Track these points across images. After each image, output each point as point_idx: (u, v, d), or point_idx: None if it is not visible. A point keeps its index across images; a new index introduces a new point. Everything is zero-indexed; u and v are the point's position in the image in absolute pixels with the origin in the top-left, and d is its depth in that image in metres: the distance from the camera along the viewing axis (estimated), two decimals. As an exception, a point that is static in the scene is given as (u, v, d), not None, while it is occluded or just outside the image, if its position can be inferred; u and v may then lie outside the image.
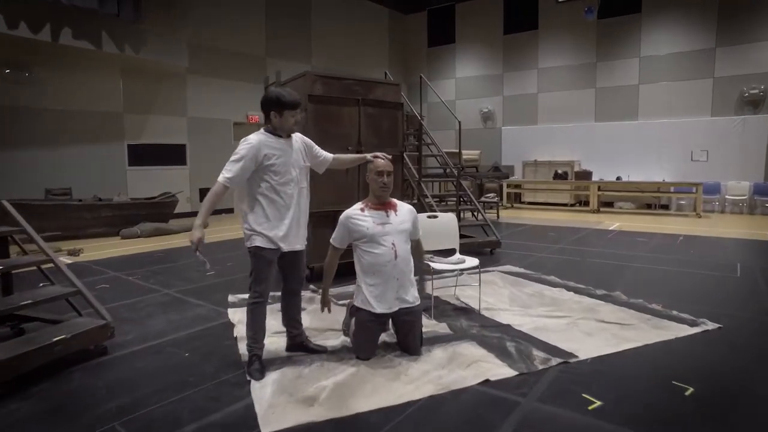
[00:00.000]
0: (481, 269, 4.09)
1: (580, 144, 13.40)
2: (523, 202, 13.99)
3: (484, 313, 3.84)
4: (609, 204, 12.60)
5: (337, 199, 4.37)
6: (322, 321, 3.58)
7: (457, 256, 4.06)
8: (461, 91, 15.83)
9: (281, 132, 2.80)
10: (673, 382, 2.62)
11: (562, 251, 6.67)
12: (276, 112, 2.78)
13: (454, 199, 8.96)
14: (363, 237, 2.80)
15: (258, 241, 2.74)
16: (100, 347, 3.09)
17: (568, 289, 4.54)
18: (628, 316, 3.72)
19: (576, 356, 2.95)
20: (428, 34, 16.47)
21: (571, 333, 3.36)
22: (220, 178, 2.66)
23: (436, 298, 4.13)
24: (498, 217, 10.55)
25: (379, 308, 2.82)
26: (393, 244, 2.81)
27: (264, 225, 2.74)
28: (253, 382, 2.65)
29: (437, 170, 9.38)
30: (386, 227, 2.83)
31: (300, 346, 3.06)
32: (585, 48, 13.35)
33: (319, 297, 3.11)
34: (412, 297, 2.91)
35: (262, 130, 2.80)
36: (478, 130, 15.24)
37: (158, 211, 8.89)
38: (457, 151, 8.52)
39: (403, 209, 2.98)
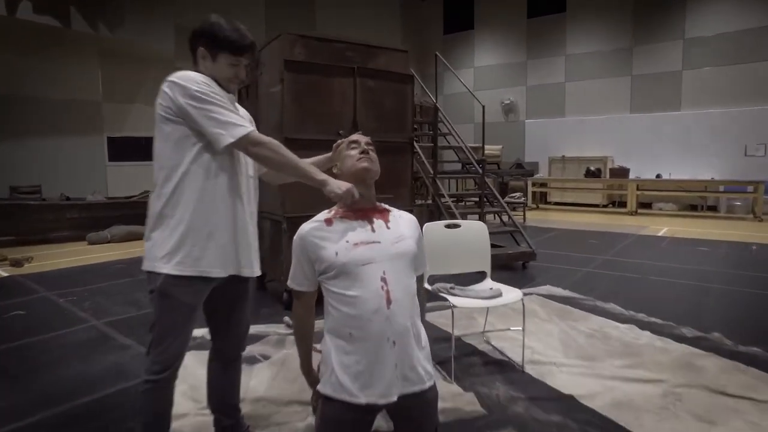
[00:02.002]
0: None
1: (614, 138, 12.01)
2: (549, 203, 12.66)
3: (529, 370, 2.60)
4: (646, 205, 11.22)
5: (322, 200, 3.17)
6: (289, 385, 2.38)
7: (489, 283, 2.83)
8: (480, 81, 14.52)
9: (221, 82, 1.66)
10: None
11: (612, 264, 5.37)
12: (206, 49, 1.66)
13: (475, 199, 7.73)
14: (330, 269, 1.53)
15: (171, 267, 1.57)
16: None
17: (641, 326, 3.27)
18: (753, 380, 2.44)
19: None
20: (444, 20, 15.19)
21: (676, 416, 2.11)
22: (245, 131, 1.59)
23: (458, 340, 2.91)
24: (524, 220, 9.26)
25: (363, 397, 1.47)
26: (383, 279, 1.51)
27: (189, 235, 1.59)
28: None
29: (453, 165, 8.14)
30: (371, 249, 1.53)
31: (235, 446, 1.87)
32: (619, 31, 11.95)
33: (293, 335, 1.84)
34: (422, 372, 1.54)
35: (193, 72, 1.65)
36: (498, 124, 13.91)
37: (134, 212, 7.76)
38: (478, 145, 7.27)
39: (401, 219, 1.67)
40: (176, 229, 1.58)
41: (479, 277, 2.91)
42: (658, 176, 11.13)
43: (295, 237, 1.60)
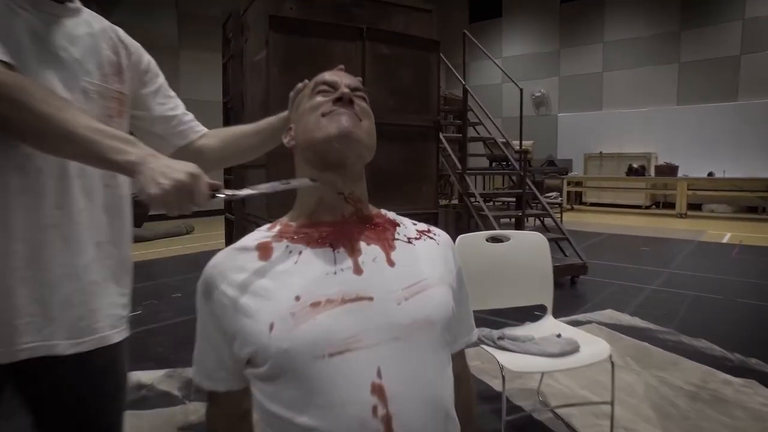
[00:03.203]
0: (569, 317, 1.97)
1: (658, 132, 10.85)
2: (584, 203, 11.59)
3: (620, 464, 1.71)
4: (696, 206, 10.07)
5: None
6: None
7: (552, 322, 1.94)
8: (509, 72, 13.34)
9: None
10: None
11: (681, 280, 4.38)
12: None
13: (507, 199, 6.81)
14: (259, 359, 0.66)
15: None
16: None
17: (761, 378, 2.33)
18: None
19: None
20: (469, 8, 14.20)
21: None
22: None
23: (508, 401, 2.02)
24: (561, 222, 8.25)
25: None
26: (377, 388, 0.63)
27: None
28: None
29: (478, 160, 7.24)
30: (350, 315, 0.66)
31: None
32: (665, 14, 10.79)
33: None
34: None
35: None
36: (529, 118, 12.80)
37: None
38: (507, 140, 6.34)
39: (422, 243, 0.79)
40: None
41: (539, 312, 2.02)
42: (710, 174, 9.97)
43: (199, 281, 0.74)
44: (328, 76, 0.78)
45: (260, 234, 0.76)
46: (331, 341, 0.63)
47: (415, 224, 0.83)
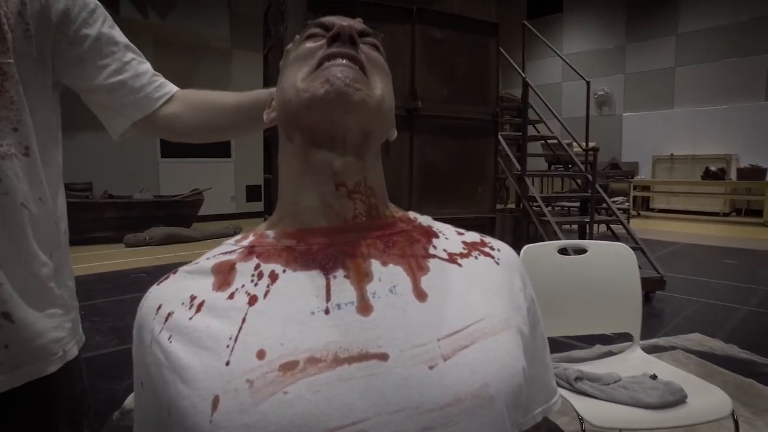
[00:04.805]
0: (648, 341, 1.56)
1: (741, 132, 9.84)
2: (653, 209, 10.73)
3: None
4: (782, 214, 9.03)
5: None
6: None
7: (641, 356, 1.55)
8: (569, 70, 12.74)
9: None
10: None
11: (780, 301, 3.76)
12: None
13: (569, 204, 6.30)
14: None
15: None
16: None
17: None
18: None
19: None
20: (527, 3, 13.59)
21: None
22: None
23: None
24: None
25: None
26: None
27: None
28: None
29: (536, 161, 6.76)
30: (342, 387, 0.38)
31: None
32: (749, 1, 9.78)
33: None
34: None
35: None
36: (591, 118, 12.07)
37: (180, 213, 7.12)
38: (568, 141, 5.83)
39: (473, 263, 0.48)
40: None
41: (623, 341, 1.64)
42: (802, 178, 8.91)
43: (135, 320, 0.42)
44: (326, 18, 0.49)
45: (224, 248, 0.47)
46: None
47: (461, 234, 0.52)
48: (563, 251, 1.63)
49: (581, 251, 1.64)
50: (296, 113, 0.44)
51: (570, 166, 5.75)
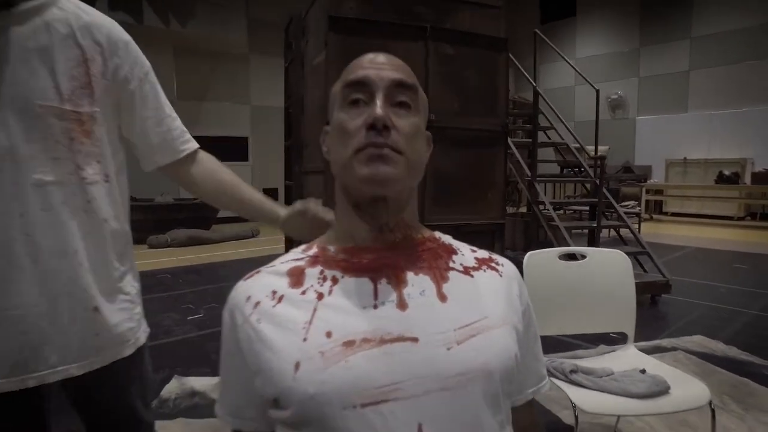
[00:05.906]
0: (651, 342, 1.69)
1: (755, 136, 9.81)
2: (665, 213, 10.73)
3: None
4: (798, 219, 9.00)
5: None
6: None
7: (634, 353, 1.69)
8: (583, 74, 12.80)
9: None
10: None
11: (786, 305, 3.85)
12: None
13: (580, 208, 6.39)
14: (283, 402, 0.55)
15: None
16: None
17: None
18: None
19: None
20: (540, 8, 13.66)
21: None
22: None
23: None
24: (639, 234, 7.64)
25: None
26: None
27: None
28: None
29: (547, 166, 6.86)
30: (390, 359, 0.54)
31: None
32: (764, 3, 9.76)
33: None
34: None
35: None
36: (604, 122, 12.08)
37: (199, 215, 7.36)
38: (579, 146, 5.92)
39: (482, 274, 0.65)
40: None
41: (618, 339, 1.77)
42: (817, 183, 8.88)
43: (225, 306, 0.61)
44: (361, 71, 0.62)
45: (293, 256, 0.65)
46: (364, 389, 0.53)
47: (474, 251, 0.69)
48: (564, 257, 1.78)
49: (580, 257, 1.78)
50: (345, 184, 0.62)
51: (581, 170, 5.85)
